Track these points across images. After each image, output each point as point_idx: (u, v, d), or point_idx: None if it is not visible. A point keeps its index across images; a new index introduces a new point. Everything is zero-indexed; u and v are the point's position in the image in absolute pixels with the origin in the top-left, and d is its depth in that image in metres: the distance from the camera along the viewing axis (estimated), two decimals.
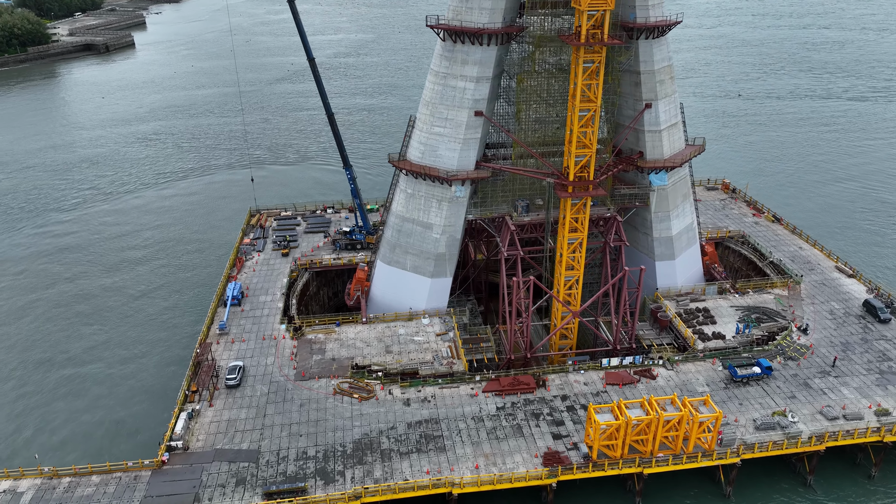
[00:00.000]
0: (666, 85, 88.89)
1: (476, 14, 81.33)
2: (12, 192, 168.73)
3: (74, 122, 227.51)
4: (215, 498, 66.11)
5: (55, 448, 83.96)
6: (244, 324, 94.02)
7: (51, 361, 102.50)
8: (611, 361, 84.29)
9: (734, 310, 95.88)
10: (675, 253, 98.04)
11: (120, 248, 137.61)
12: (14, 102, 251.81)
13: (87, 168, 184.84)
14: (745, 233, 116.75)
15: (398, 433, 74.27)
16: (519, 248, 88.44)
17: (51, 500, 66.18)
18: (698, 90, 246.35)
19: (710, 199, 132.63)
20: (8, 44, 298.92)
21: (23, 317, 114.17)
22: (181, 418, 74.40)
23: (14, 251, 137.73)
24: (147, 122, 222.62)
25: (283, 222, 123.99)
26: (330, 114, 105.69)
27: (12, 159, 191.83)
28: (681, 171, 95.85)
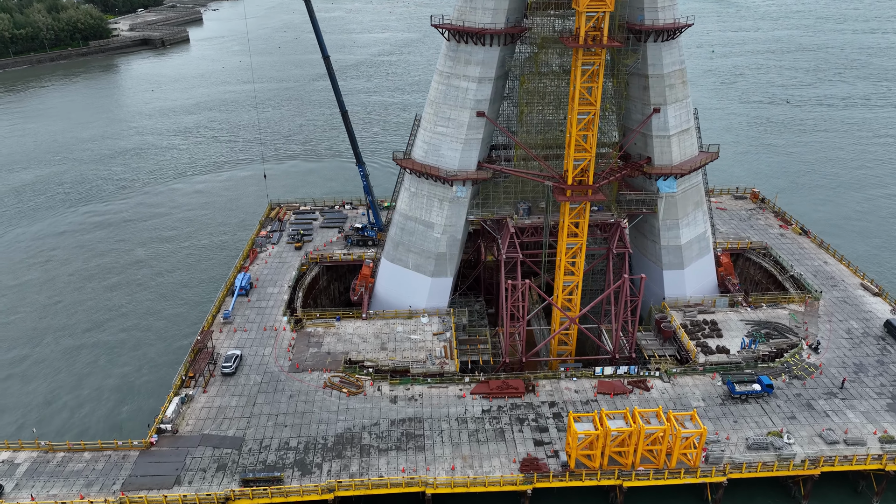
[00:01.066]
0: (676, 89, 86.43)
1: (479, 14, 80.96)
2: (59, 178, 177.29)
3: (124, 113, 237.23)
4: (195, 481, 68.04)
5: (54, 421, 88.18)
6: (248, 314, 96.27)
7: (63, 332, 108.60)
8: (604, 370, 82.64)
9: (744, 324, 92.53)
10: (684, 262, 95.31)
11: (145, 238, 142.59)
12: (72, 93, 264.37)
13: (130, 157, 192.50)
14: (767, 245, 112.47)
15: (380, 429, 74.78)
16: (518, 250, 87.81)
17: (43, 472, 69.42)
18: (744, 95, 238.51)
19: (736, 208, 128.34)
20: (71, 37, 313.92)
21: (51, 291, 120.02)
22: (174, 402, 76.83)
23: (52, 232, 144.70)
24: (190, 115, 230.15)
25: (301, 216, 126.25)
26: (344, 111, 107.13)
27: (64, 147, 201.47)
28: (692, 179, 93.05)
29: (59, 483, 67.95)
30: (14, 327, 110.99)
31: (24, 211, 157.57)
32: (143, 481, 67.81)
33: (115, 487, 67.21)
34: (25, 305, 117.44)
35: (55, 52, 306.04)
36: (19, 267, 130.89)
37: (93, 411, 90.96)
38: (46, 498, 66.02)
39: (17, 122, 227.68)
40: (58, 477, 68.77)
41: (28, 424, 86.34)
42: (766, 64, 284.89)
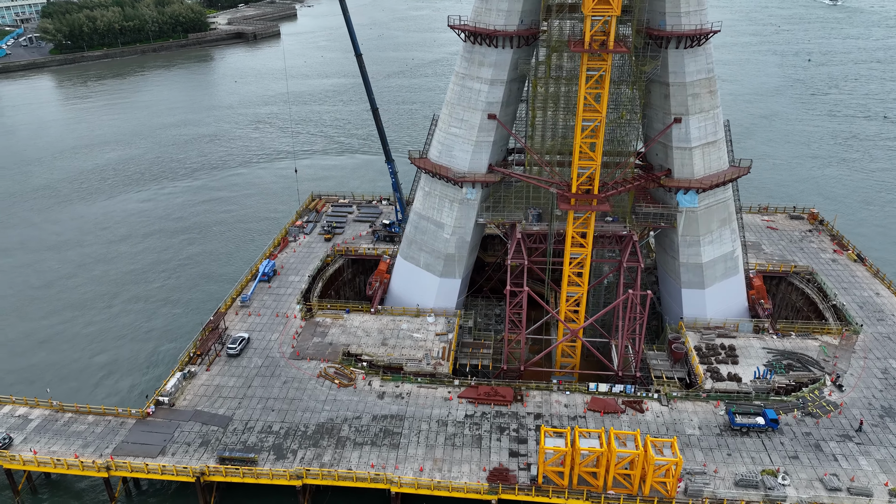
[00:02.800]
0: (701, 99, 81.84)
1: (493, 16, 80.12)
2: (139, 158, 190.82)
3: (207, 101, 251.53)
4: (178, 453, 71.73)
5: (68, 381, 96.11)
6: (266, 299, 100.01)
7: (107, 297, 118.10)
8: (598, 386, 79.78)
9: (765, 352, 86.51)
10: (704, 282, 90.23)
11: (202, 219, 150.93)
12: (167, 82, 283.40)
13: (205, 143, 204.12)
14: (813, 269, 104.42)
15: (361, 423, 75.83)
16: (525, 256, 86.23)
17: (51, 430, 75.44)
18: (834, 108, 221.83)
19: (789, 228, 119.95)
20: (173, 30, 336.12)
21: (106, 262, 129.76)
22: (175, 377, 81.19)
23: (119, 209, 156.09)
24: (266, 106, 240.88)
25: (338, 209, 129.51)
26: (374, 108, 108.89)
27: (149, 131, 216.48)
28: (718, 194, 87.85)
29: (60, 441, 73.64)
30: (68, 293, 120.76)
31: (102, 188, 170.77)
32: (132, 448, 72.26)
33: (107, 451, 72.02)
34: (83, 272, 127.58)
35: (158, 43, 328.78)
36: (85, 237, 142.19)
37: (110, 376, 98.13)
38: (46, 453, 71.71)
39: (117, 105, 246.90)
40: (61, 435, 74.54)
41: (49, 381, 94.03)
42: (868, 75, 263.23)
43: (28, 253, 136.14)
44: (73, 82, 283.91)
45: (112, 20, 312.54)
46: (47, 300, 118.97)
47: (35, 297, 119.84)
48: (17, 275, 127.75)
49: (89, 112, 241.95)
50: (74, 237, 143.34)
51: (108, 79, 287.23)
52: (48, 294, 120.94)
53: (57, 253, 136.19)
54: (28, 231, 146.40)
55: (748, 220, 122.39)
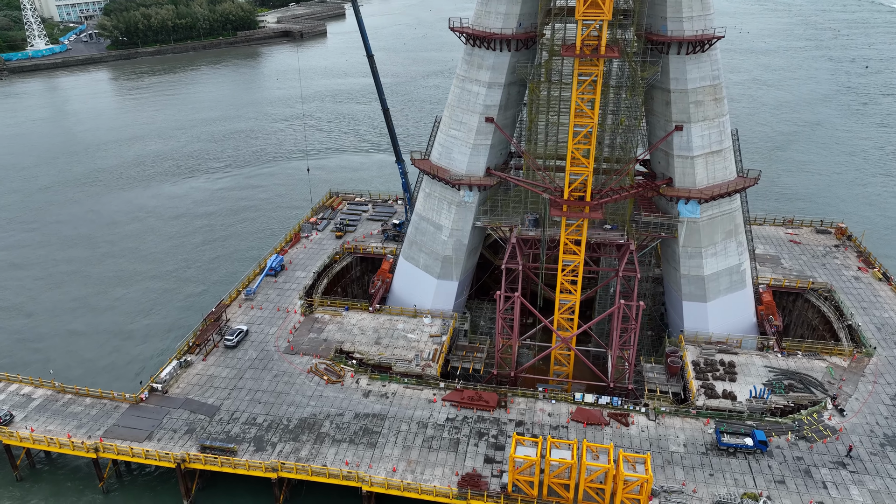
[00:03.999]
0: (705, 107, 79.29)
1: (492, 19, 79.68)
2: (178, 151, 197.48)
3: (249, 98, 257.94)
4: (163, 439, 74.07)
5: (70, 363, 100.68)
6: (270, 293, 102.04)
7: (123, 281, 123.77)
8: (584, 397, 78.36)
9: (767, 370, 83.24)
10: (707, 295, 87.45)
11: (228, 214, 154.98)
12: (211, 78, 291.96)
13: (241, 138, 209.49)
14: (832, 287, 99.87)
15: (342, 420, 76.61)
16: (520, 261, 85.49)
17: (50, 410, 78.99)
18: (886, 118, 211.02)
19: (814, 243, 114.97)
20: (223, 28, 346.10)
21: (131, 248, 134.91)
22: (171, 365, 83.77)
23: (151, 200, 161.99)
24: (305, 104, 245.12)
25: (354, 207, 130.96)
26: (385, 108, 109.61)
27: (190, 125, 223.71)
28: (723, 205, 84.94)
29: (57, 420, 77.04)
30: (92, 276, 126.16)
31: (139, 178, 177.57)
32: (122, 431, 74.96)
33: (98, 433, 74.93)
34: (111, 258, 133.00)
35: (208, 40, 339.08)
36: (115, 225, 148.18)
37: (112, 358, 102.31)
38: (43, 432, 75.14)
39: (164, 100, 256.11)
40: (59, 415, 77.96)
41: (58, 358, 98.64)
42: None
43: (63, 237, 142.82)
44: (127, 77, 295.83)
45: (165, 18, 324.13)
46: (72, 279, 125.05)
47: (60, 276, 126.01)
48: (49, 255, 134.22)
49: (138, 105, 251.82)
50: (104, 224, 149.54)
51: (158, 74, 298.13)
52: (72, 273, 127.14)
53: (88, 237, 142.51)
54: (66, 215, 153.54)
55: (770, 232, 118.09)
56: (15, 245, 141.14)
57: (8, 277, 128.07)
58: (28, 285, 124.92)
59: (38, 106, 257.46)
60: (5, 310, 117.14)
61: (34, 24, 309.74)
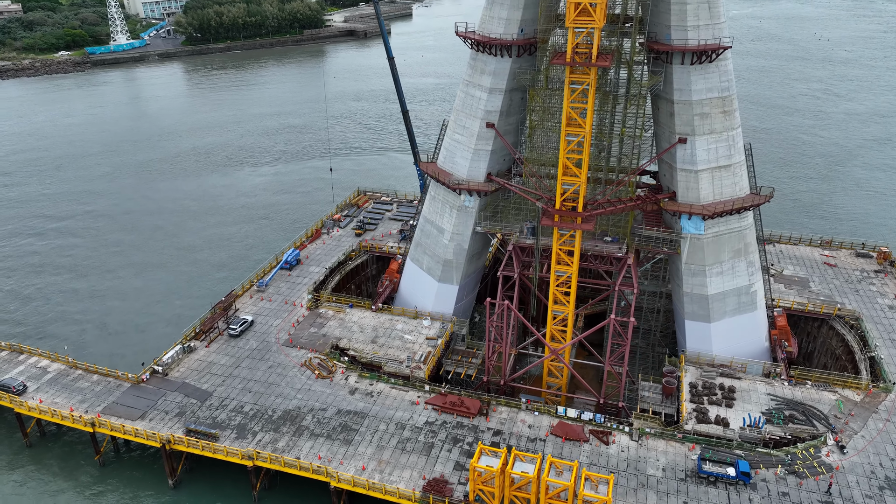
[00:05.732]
0: (711, 119, 75.94)
1: (495, 24, 79.25)
2: (231, 144, 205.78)
3: (305, 94, 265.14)
4: (154, 420, 77.74)
5: (93, 339, 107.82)
6: (282, 286, 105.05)
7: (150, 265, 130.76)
8: (567, 411, 76.74)
9: (769, 398, 79.02)
10: (710, 315, 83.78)
11: (265, 207, 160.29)
12: (275, 74, 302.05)
13: (292, 133, 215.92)
14: (861, 315, 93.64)
15: (324, 415, 78.09)
16: (517, 269, 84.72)
17: (62, 383, 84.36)
18: None
19: (852, 266, 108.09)
20: (290, 26, 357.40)
21: (167, 234, 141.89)
22: (175, 349, 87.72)
23: (198, 188, 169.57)
24: (356, 102, 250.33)
25: (379, 206, 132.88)
26: (404, 111, 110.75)
27: (247, 119, 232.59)
28: (731, 223, 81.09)
29: (64, 394, 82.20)
30: (133, 258, 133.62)
31: (192, 168, 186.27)
32: (118, 409, 79.19)
33: (98, 409, 79.44)
34: (154, 241, 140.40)
35: (275, 38, 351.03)
36: (160, 211, 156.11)
37: (134, 338, 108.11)
38: (50, 404, 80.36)
39: (228, 94, 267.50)
40: (67, 389, 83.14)
41: (80, 337, 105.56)
42: None
43: (114, 220, 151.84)
44: (197, 71, 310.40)
45: (237, 16, 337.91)
46: (114, 259, 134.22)
47: (105, 256, 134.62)
48: (99, 236, 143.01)
49: (203, 98, 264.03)
50: (152, 211, 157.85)
51: (226, 69, 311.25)
52: (116, 253, 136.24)
53: (135, 222, 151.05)
54: (120, 199, 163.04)
55: (804, 253, 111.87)
56: (68, 225, 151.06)
57: (58, 254, 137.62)
58: (77, 261, 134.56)
59: (112, 96, 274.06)
60: (49, 284, 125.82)
61: (117, 21, 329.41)
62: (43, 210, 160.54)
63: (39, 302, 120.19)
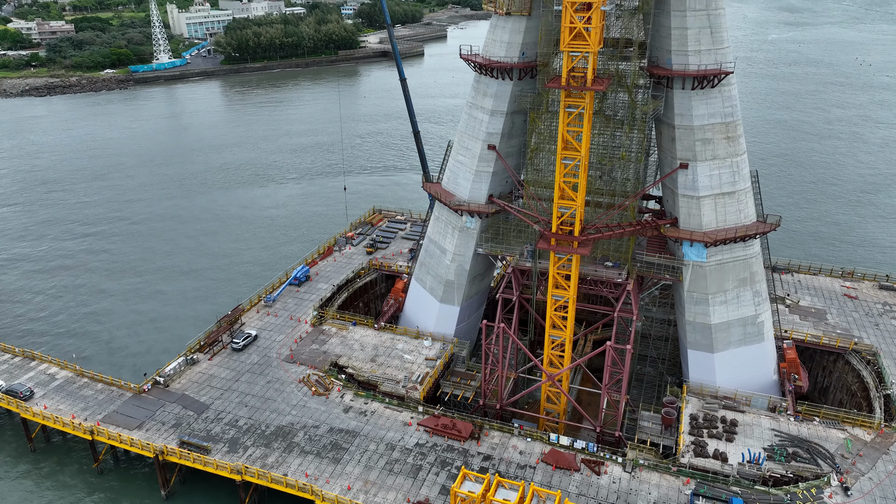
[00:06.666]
0: (714, 145, 74.49)
1: (497, 47, 79.63)
2: (260, 160, 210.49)
3: (336, 113, 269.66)
4: (151, 430, 78.97)
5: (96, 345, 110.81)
6: (289, 302, 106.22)
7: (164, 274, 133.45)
8: (559, 438, 75.24)
9: (773, 434, 76.15)
10: (714, 345, 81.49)
11: (285, 222, 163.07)
12: (308, 93, 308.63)
13: (318, 152, 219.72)
14: (879, 350, 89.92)
15: (316, 433, 78.19)
16: (516, 291, 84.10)
17: (68, 390, 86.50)
18: None
19: (874, 298, 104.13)
20: (326, 46, 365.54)
21: (185, 245, 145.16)
22: (177, 361, 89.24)
23: (222, 204, 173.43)
24: (386, 122, 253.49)
25: (392, 225, 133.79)
26: (416, 131, 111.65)
27: (275, 137, 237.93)
28: (736, 251, 79.05)
29: (68, 401, 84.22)
30: (156, 268, 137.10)
31: (220, 183, 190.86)
32: (118, 418, 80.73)
33: (98, 417, 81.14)
34: (176, 254, 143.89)
35: (311, 58, 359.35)
36: (182, 223, 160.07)
37: (138, 346, 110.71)
38: (54, 411, 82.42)
39: (261, 111, 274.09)
40: (72, 397, 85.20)
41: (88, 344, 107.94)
42: None
43: (140, 232, 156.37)
44: (233, 89, 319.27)
45: (274, 36, 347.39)
46: (137, 269, 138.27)
47: (129, 265, 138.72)
48: (123, 246, 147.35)
49: (236, 115, 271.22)
50: (176, 222, 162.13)
51: (262, 87, 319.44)
52: (140, 261, 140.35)
53: (161, 234, 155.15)
54: (149, 213, 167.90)
55: (824, 283, 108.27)
56: (102, 231, 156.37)
57: (85, 259, 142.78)
58: (103, 267, 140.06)
59: (151, 112, 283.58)
60: (74, 288, 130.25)
61: (160, 40, 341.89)
62: (79, 218, 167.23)
63: (60, 307, 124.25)
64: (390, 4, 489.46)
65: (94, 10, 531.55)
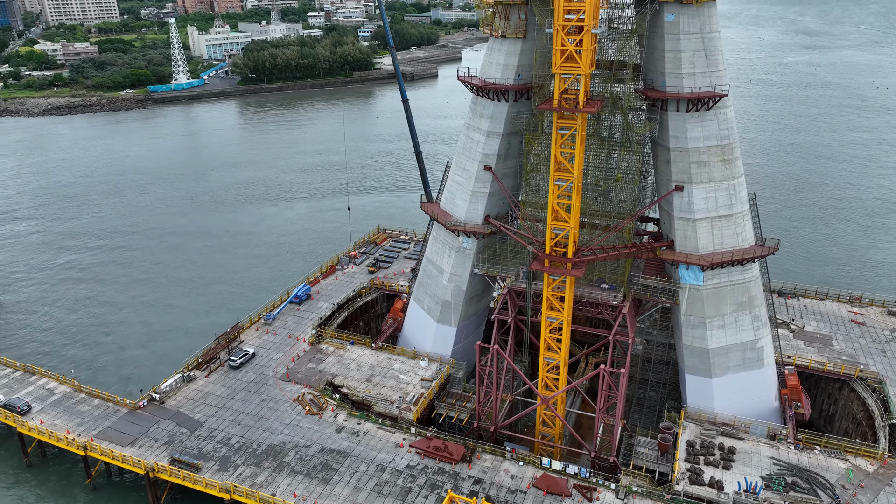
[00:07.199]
0: (710, 168, 73.91)
1: (493, 69, 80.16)
2: (266, 181, 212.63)
3: (348, 133, 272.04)
4: (143, 446, 79.08)
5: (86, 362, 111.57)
6: (289, 320, 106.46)
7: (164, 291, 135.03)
8: (552, 463, 74.08)
9: (771, 462, 74.35)
10: (712, 370, 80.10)
11: (290, 239, 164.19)
12: (322, 113, 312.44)
13: (329, 171, 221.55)
14: (884, 378, 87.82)
15: (307, 452, 77.76)
16: (511, 313, 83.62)
17: (65, 405, 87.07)
18: None
19: (882, 324, 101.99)
20: (341, 68, 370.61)
21: (190, 261, 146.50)
22: (174, 378, 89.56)
23: (229, 222, 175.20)
24: (397, 142, 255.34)
25: (396, 244, 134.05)
26: (418, 151, 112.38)
27: (288, 156, 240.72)
28: (734, 274, 77.95)
29: (65, 416, 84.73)
30: (160, 285, 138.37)
31: (229, 201, 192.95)
32: (112, 434, 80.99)
33: (93, 432, 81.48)
34: (182, 270, 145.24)
35: (325, 79, 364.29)
36: (193, 240, 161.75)
37: (139, 361, 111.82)
38: (50, 426, 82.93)
39: (275, 131, 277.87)
40: (69, 412, 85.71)
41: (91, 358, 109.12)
42: None
43: (149, 249, 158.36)
44: (249, 109, 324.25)
45: (290, 58, 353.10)
46: (144, 285, 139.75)
47: (137, 282, 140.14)
48: (131, 263, 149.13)
49: (251, 135, 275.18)
50: (185, 238, 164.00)
51: (277, 108, 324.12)
52: (148, 278, 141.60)
53: (169, 251, 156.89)
54: (159, 230, 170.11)
55: (830, 308, 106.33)
56: (111, 247, 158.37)
57: (94, 273, 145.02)
58: (110, 282, 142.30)
59: (168, 130, 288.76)
60: (84, 300, 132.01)
61: (179, 61, 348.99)
62: (93, 231, 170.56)
63: (70, 319, 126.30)
64: (406, 27, 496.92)
65: (118, 31, 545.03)
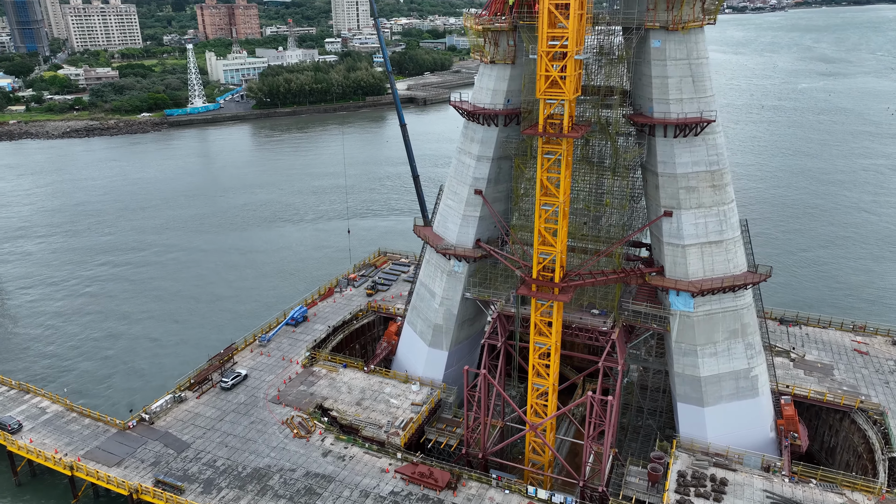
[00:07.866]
0: (700, 193, 73.30)
1: (483, 94, 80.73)
2: (275, 203, 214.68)
3: (359, 157, 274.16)
4: (129, 467, 78.89)
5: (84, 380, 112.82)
6: (283, 342, 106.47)
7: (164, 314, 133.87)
8: (538, 492, 72.68)
9: (765, 495, 72.33)
10: (704, 399, 78.51)
11: (291, 260, 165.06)
12: (335, 137, 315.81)
13: (338, 194, 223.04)
14: (886, 409, 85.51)
15: (292, 476, 77.07)
16: (501, 337, 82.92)
17: (56, 424, 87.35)
18: None
19: (885, 355, 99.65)
20: (354, 92, 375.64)
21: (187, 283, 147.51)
22: (165, 398, 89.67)
23: (237, 243, 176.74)
24: (400, 166, 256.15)
25: (396, 267, 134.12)
26: (415, 175, 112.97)
27: (298, 178, 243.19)
28: (725, 301, 76.73)
29: (55, 435, 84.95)
30: (167, 306, 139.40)
31: (238, 223, 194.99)
32: (99, 454, 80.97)
33: (80, 452, 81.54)
34: (183, 293, 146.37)
35: (339, 104, 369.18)
36: (200, 260, 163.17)
37: (135, 381, 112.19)
38: (39, 445, 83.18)
39: (286, 154, 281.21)
40: (59, 431, 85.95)
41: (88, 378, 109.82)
42: None
43: (157, 269, 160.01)
44: (263, 132, 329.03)
45: (304, 82, 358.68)
46: (154, 304, 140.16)
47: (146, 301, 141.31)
48: (141, 284, 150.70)
49: (263, 158, 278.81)
50: (190, 261, 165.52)
51: (291, 132, 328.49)
52: (156, 298, 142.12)
53: (175, 272, 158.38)
54: (164, 249, 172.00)
55: (833, 337, 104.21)
56: (118, 263, 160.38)
57: (97, 294, 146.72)
58: (113, 301, 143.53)
59: (182, 153, 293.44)
60: (81, 323, 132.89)
61: (196, 86, 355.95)
62: (104, 248, 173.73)
63: (67, 336, 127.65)
64: (420, 53, 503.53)
65: (140, 57, 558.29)
